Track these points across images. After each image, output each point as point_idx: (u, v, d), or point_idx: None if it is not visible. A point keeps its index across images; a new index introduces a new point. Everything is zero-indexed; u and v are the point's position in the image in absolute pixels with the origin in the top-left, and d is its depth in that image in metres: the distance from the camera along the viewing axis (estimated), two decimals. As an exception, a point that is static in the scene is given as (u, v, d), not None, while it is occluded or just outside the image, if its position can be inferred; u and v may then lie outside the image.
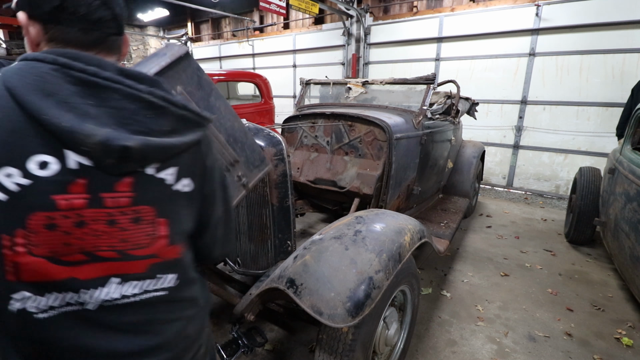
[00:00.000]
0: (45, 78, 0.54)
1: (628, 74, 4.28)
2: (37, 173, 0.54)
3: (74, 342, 0.60)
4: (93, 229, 0.59)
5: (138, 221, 0.62)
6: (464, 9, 5.37)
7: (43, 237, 0.55)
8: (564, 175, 4.93)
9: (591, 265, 2.98)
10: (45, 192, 0.54)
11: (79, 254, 0.58)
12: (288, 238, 1.73)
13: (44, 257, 0.56)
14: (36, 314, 0.57)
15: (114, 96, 0.58)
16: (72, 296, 0.59)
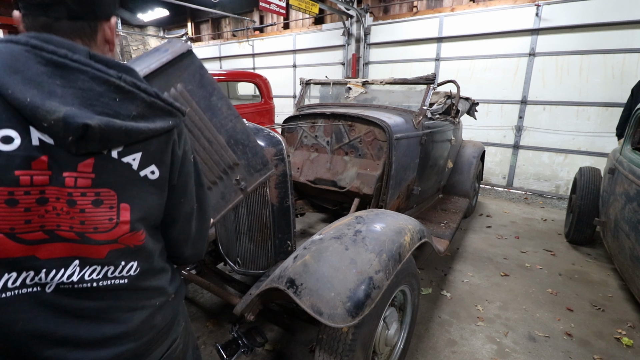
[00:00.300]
0: (16, 57, 0.55)
1: (628, 74, 4.28)
2: (0, 147, 0.54)
3: (30, 326, 0.59)
4: (54, 207, 0.59)
5: (98, 204, 0.62)
6: (464, 9, 5.37)
7: (2, 212, 0.55)
8: (564, 175, 4.93)
9: (591, 265, 2.98)
10: (8, 167, 0.54)
11: (40, 231, 0.58)
12: (288, 238, 1.73)
13: (3, 233, 0.55)
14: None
15: (82, 77, 0.58)
16: (32, 276, 0.59)
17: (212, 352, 1.86)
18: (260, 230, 1.72)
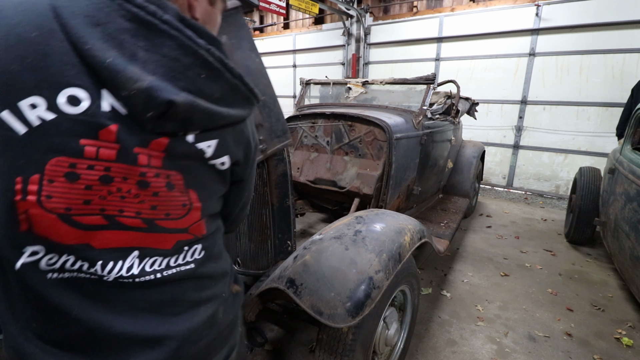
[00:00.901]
0: (98, 5, 0.46)
1: (628, 74, 4.28)
2: (65, 109, 0.45)
3: (85, 315, 0.52)
4: (119, 188, 0.50)
5: (171, 187, 0.55)
6: (464, 9, 5.37)
7: (60, 188, 0.47)
8: (564, 175, 4.93)
9: (591, 265, 2.98)
10: (72, 133, 0.46)
11: (99, 215, 0.50)
12: (288, 238, 1.73)
13: (56, 214, 0.48)
14: (47, 273, 0.50)
15: (169, 43, 0.49)
16: (87, 266, 0.51)
17: (212, 352, 1.86)
18: (260, 230, 1.71)
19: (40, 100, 0.44)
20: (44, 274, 0.50)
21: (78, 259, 0.50)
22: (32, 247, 0.49)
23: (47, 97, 0.45)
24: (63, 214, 0.48)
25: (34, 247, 0.49)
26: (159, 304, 0.58)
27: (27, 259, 0.49)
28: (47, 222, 0.48)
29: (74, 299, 0.52)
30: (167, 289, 0.58)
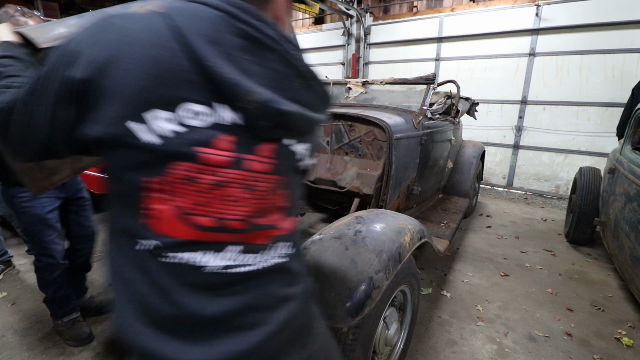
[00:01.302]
0: (214, 25, 0.52)
1: (628, 74, 4.28)
2: (185, 120, 0.51)
3: (182, 299, 0.56)
4: (228, 193, 0.55)
5: (274, 190, 0.60)
6: (464, 9, 5.37)
7: (179, 189, 0.53)
8: (564, 175, 4.93)
9: (591, 265, 2.98)
10: (193, 142, 0.52)
11: (211, 217, 0.55)
12: (288, 238, 1.73)
13: (173, 212, 0.54)
14: (158, 257, 0.56)
15: (271, 56, 0.55)
16: (191, 257, 0.56)
17: (212, 352, 1.86)
18: (260, 230, 1.71)
19: (164, 113, 0.50)
20: (155, 258, 0.55)
21: (185, 251, 0.55)
22: (149, 241, 0.55)
23: (170, 110, 0.50)
24: (179, 213, 0.54)
25: (151, 241, 0.55)
26: (252, 295, 0.61)
27: (143, 246, 0.55)
28: (164, 219, 0.54)
29: (178, 284, 0.56)
30: (260, 282, 0.62)
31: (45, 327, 2.05)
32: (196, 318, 0.57)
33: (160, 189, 0.53)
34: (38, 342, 1.93)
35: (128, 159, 0.52)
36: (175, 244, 0.55)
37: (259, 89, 0.53)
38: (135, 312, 0.57)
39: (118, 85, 0.49)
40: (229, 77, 0.51)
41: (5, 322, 2.10)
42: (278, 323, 0.63)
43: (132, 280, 0.58)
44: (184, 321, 0.57)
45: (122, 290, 0.59)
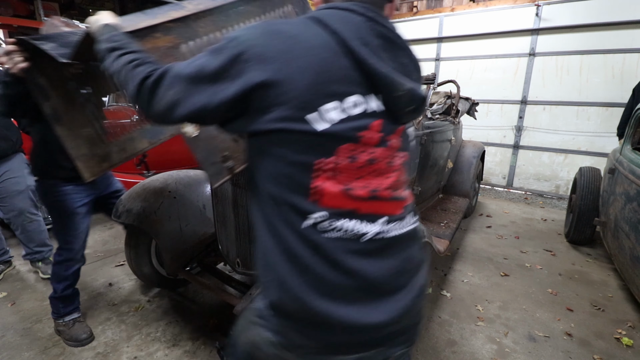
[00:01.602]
0: (360, 28, 0.63)
1: (628, 74, 4.28)
2: (350, 111, 0.62)
3: (345, 264, 0.65)
4: (377, 168, 0.67)
5: (404, 166, 0.73)
6: (464, 9, 5.36)
7: (344, 167, 0.63)
8: (564, 175, 4.93)
9: (591, 265, 2.97)
10: (353, 128, 0.63)
11: (366, 189, 0.66)
12: (288, 238, 1.73)
13: (340, 186, 0.64)
14: (323, 233, 0.64)
15: (401, 54, 0.69)
16: (353, 225, 0.65)
17: (212, 352, 1.86)
18: (260, 230, 1.71)
19: (332, 104, 0.61)
20: (320, 233, 0.64)
21: (344, 223, 0.65)
22: (316, 214, 0.64)
23: (338, 101, 0.61)
24: (343, 187, 0.64)
25: (318, 213, 0.64)
26: (403, 258, 0.71)
27: (310, 222, 0.64)
28: (332, 194, 0.63)
29: (343, 252, 0.65)
30: (405, 246, 0.72)
31: (45, 327, 2.05)
32: (363, 283, 0.65)
33: (328, 168, 0.63)
34: (38, 342, 1.93)
35: (302, 144, 0.62)
36: (339, 214, 0.64)
37: (407, 80, 0.66)
38: (309, 283, 0.64)
39: (294, 82, 0.59)
40: (385, 73, 0.63)
41: (5, 322, 2.10)
42: (419, 287, 0.74)
43: (301, 255, 0.64)
44: (353, 287, 0.65)
45: (290, 266, 0.66)
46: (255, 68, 0.59)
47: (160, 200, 2.02)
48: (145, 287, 2.42)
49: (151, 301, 2.32)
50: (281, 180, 0.64)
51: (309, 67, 0.59)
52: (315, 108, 0.60)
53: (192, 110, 0.64)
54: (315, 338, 0.67)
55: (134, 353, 1.86)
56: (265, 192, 0.67)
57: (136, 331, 2.02)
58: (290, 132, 0.61)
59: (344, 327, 0.65)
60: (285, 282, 0.66)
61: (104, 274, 2.66)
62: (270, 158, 0.64)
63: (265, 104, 0.61)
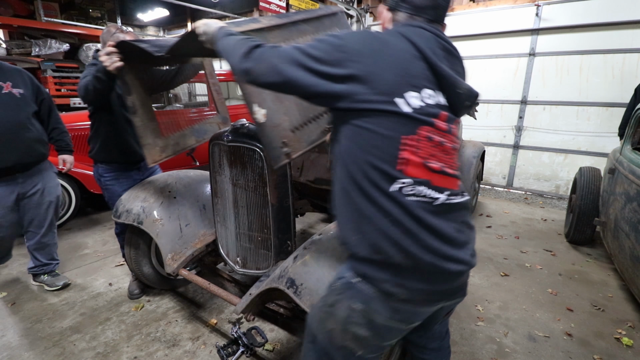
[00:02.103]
0: (431, 41, 0.86)
1: (628, 74, 4.28)
2: (426, 100, 0.82)
3: (426, 220, 0.82)
4: (444, 148, 0.86)
5: (457, 150, 0.92)
6: (464, 9, 5.36)
7: (423, 144, 0.82)
8: (564, 175, 4.93)
9: (591, 265, 2.98)
10: (429, 114, 0.83)
11: (437, 164, 0.85)
12: (288, 238, 1.73)
13: (421, 159, 0.82)
14: (406, 196, 0.82)
15: (458, 63, 0.93)
16: (429, 192, 0.83)
17: (212, 352, 1.86)
18: (260, 230, 1.71)
19: (414, 94, 0.81)
20: (405, 196, 0.82)
21: (423, 189, 0.83)
22: (402, 180, 0.82)
23: (417, 92, 0.82)
24: (423, 161, 0.83)
25: (403, 180, 0.82)
26: (460, 221, 0.89)
27: (398, 186, 0.82)
28: (414, 165, 0.82)
29: (423, 211, 0.82)
30: (462, 213, 0.90)
31: (46, 327, 2.05)
32: (440, 235, 0.83)
33: (411, 144, 0.81)
34: (38, 342, 1.93)
35: (393, 122, 0.80)
36: (419, 182, 0.82)
37: (464, 81, 0.89)
38: (402, 234, 0.82)
39: (386, 74, 0.80)
40: (451, 75, 0.85)
41: (5, 322, 2.10)
42: (472, 246, 0.92)
43: (390, 212, 0.82)
44: (436, 239, 0.83)
45: (379, 222, 0.83)
46: (354, 60, 0.80)
47: (160, 200, 2.02)
48: (145, 287, 2.42)
49: (151, 301, 2.32)
50: (371, 151, 0.82)
51: (397, 63, 0.81)
52: (401, 94, 0.80)
53: (288, 79, 0.82)
54: (415, 289, 0.85)
55: (134, 353, 1.86)
56: (354, 160, 0.84)
57: (136, 331, 2.03)
58: (382, 111, 0.80)
59: (434, 271, 0.83)
60: (384, 232, 0.82)
61: (104, 274, 2.66)
62: (362, 131, 0.82)
63: (360, 89, 0.80)
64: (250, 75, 0.86)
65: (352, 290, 0.87)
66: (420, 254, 0.81)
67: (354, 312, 0.87)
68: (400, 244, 0.81)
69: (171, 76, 2.23)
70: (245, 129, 1.64)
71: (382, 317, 0.86)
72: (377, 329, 0.88)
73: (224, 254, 1.91)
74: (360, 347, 0.90)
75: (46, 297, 2.35)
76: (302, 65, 0.81)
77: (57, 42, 4.98)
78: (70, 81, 5.06)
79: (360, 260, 0.86)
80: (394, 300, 0.84)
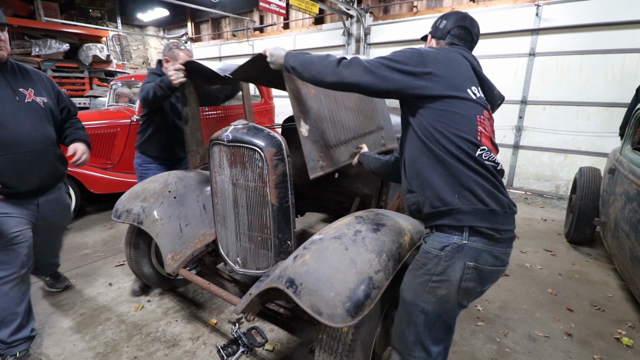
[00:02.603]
0: (471, 58, 1.21)
1: (628, 74, 4.28)
2: (478, 93, 1.14)
3: (498, 178, 1.13)
4: (492, 130, 1.16)
5: (493, 128, 1.20)
6: (464, 9, 5.37)
7: (486, 123, 1.13)
8: (564, 175, 4.93)
9: (591, 265, 2.98)
10: (484, 102, 1.16)
11: (493, 139, 1.16)
12: (288, 238, 1.73)
13: (488, 134, 1.13)
14: (486, 160, 1.09)
15: (488, 85, 1.22)
16: (494, 157, 1.12)
17: (212, 352, 1.86)
18: (260, 230, 1.71)
19: (475, 89, 1.14)
20: (485, 160, 1.09)
21: (492, 156, 1.11)
22: (481, 147, 1.09)
23: (474, 87, 1.14)
24: (489, 136, 1.13)
25: (482, 147, 1.09)
26: (503, 184, 1.14)
27: (479, 152, 1.08)
28: (486, 137, 1.11)
29: (495, 173, 1.11)
30: (501, 176, 1.16)
31: (45, 327, 2.05)
32: (503, 189, 1.13)
33: (482, 122, 1.11)
34: (38, 341, 1.93)
35: (469, 106, 1.10)
36: (489, 151, 1.11)
37: (495, 87, 1.24)
38: (491, 186, 1.08)
39: (455, 74, 1.12)
40: (488, 81, 1.22)
41: (5, 322, 2.09)
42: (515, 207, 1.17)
43: (479, 171, 1.08)
44: (502, 199, 1.09)
45: (476, 178, 1.08)
46: (432, 63, 1.09)
47: (160, 200, 2.02)
48: (145, 287, 2.42)
49: (151, 301, 2.32)
50: (457, 127, 1.07)
51: (460, 68, 1.14)
52: (465, 89, 1.11)
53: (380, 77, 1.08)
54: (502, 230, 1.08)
55: (134, 353, 1.86)
56: (443, 135, 1.08)
57: (136, 331, 2.03)
58: (460, 98, 1.09)
59: (511, 213, 1.11)
60: (481, 184, 1.07)
61: (104, 274, 2.67)
62: (447, 113, 1.08)
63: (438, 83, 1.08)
64: (344, 78, 1.11)
65: (463, 251, 1.06)
66: (504, 198, 1.09)
67: (468, 269, 1.06)
68: (492, 192, 1.07)
69: (224, 94, 2.56)
70: (245, 129, 1.64)
71: (487, 265, 1.07)
72: (483, 278, 1.09)
73: (224, 254, 1.91)
74: (467, 298, 1.12)
75: (46, 297, 2.35)
76: (390, 67, 1.08)
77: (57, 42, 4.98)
78: (71, 81, 5.06)
79: (464, 214, 1.06)
80: (494, 244, 1.07)
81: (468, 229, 1.06)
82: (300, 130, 1.45)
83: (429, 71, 1.07)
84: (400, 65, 1.08)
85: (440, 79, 1.07)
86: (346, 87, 1.14)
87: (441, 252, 1.08)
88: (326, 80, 1.16)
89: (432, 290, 1.11)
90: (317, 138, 1.53)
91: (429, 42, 1.34)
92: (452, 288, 1.08)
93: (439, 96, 1.07)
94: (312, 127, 1.52)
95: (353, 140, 1.83)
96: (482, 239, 1.06)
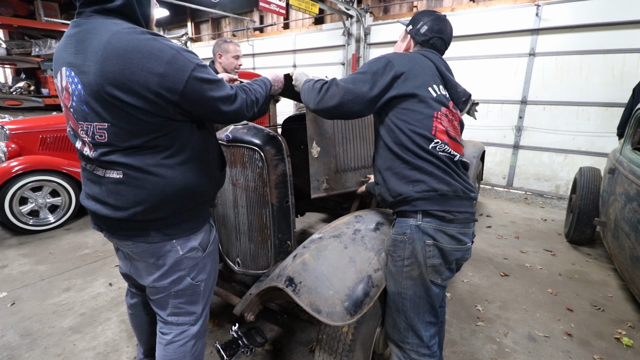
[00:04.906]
0: (438, 60, 1.29)
1: (628, 74, 4.28)
2: (438, 91, 1.22)
3: (453, 166, 1.21)
4: (453, 125, 1.24)
5: (457, 126, 1.27)
6: (464, 9, 5.37)
7: (442, 119, 1.20)
8: (564, 175, 4.93)
9: (591, 265, 2.97)
10: (444, 99, 1.23)
11: (450, 131, 1.22)
12: (288, 238, 1.73)
13: (444, 129, 1.20)
14: (439, 152, 1.18)
15: (453, 85, 1.29)
16: (450, 150, 1.20)
17: (212, 352, 1.86)
18: (260, 230, 1.71)
19: (434, 87, 1.22)
20: (438, 151, 1.18)
21: (447, 148, 1.19)
22: (435, 140, 1.17)
23: (435, 86, 1.22)
24: (446, 130, 1.21)
25: (435, 140, 1.17)
26: (465, 174, 1.26)
27: (433, 145, 1.17)
28: (441, 132, 1.19)
29: (449, 162, 1.20)
30: (464, 168, 1.27)
31: (45, 327, 2.05)
32: (462, 175, 1.24)
33: (438, 117, 1.19)
34: (38, 341, 1.93)
35: (427, 104, 1.18)
36: (444, 143, 1.19)
37: (459, 85, 1.32)
38: (443, 173, 1.18)
39: (420, 74, 1.20)
40: (452, 80, 1.30)
41: (5, 322, 2.10)
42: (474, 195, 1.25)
43: (432, 161, 1.17)
44: (460, 175, 1.22)
45: (428, 168, 1.17)
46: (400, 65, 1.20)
47: (160, 200, 2.02)
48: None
49: (151, 301, 2.32)
50: (415, 124, 1.17)
51: (424, 70, 1.22)
52: (426, 88, 1.20)
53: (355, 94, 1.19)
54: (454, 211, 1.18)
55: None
56: (402, 131, 1.18)
57: (136, 331, 2.02)
58: (419, 96, 1.18)
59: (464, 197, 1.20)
60: (432, 173, 1.16)
61: (104, 274, 2.67)
62: (408, 112, 1.18)
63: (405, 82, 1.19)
64: (325, 109, 1.24)
65: (420, 231, 1.16)
66: (456, 184, 1.18)
67: (429, 247, 1.16)
68: (444, 179, 1.17)
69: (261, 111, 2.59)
70: (245, 129, 1.64)
71: (445, 243, 1.16)
72: (445, 255, 1.18)
73: (224, 253, 1.91)
74: (440, 276, 1.20)
75: (46, 297, 2.35)
76: (362, 79, 1.19)
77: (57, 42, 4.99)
78: (71, 81, 5.07)
79: (416, 200, 1.16)
80: (446, 224, 1.16)
81: (421, 212, 1.17)
82: (311, 151, 1.57)
83: (399, 72, 1.18)
84: (372, 75, 1.19)
85: (406, 79, 1.18)
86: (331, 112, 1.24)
87: (404, 236, 1.19)
88: (312, 109, 1.28)
89: (408, 274, 1.20)
90: (326, 161, 1.64)
91: (408, 42, 1.40)
92: (422, 267, 1.18)
93: (404, 95, 1.18)
94: (323, 150, 1.62)
95: (362, 169, 1.93)
96: (434, 220, 1.16)
